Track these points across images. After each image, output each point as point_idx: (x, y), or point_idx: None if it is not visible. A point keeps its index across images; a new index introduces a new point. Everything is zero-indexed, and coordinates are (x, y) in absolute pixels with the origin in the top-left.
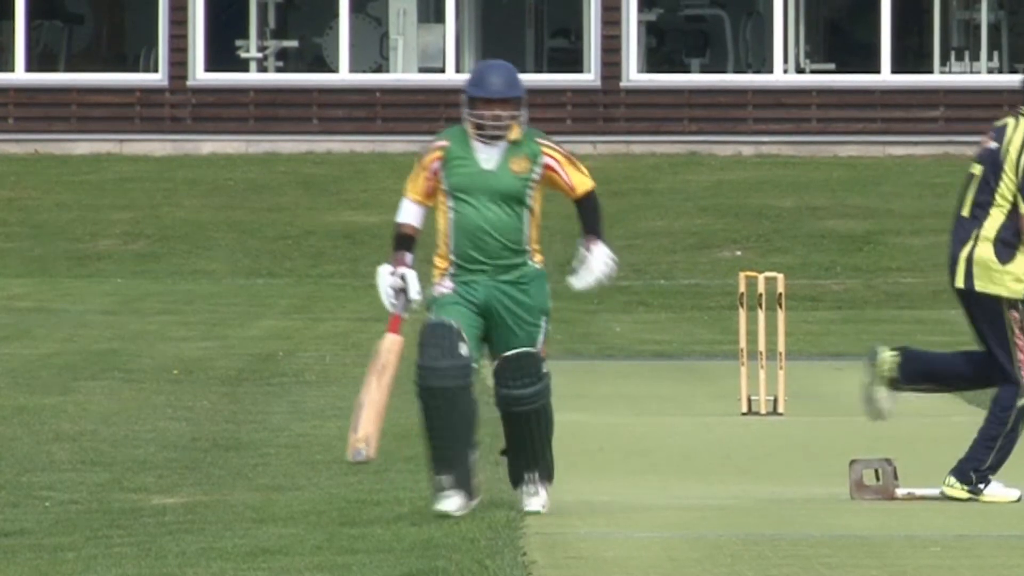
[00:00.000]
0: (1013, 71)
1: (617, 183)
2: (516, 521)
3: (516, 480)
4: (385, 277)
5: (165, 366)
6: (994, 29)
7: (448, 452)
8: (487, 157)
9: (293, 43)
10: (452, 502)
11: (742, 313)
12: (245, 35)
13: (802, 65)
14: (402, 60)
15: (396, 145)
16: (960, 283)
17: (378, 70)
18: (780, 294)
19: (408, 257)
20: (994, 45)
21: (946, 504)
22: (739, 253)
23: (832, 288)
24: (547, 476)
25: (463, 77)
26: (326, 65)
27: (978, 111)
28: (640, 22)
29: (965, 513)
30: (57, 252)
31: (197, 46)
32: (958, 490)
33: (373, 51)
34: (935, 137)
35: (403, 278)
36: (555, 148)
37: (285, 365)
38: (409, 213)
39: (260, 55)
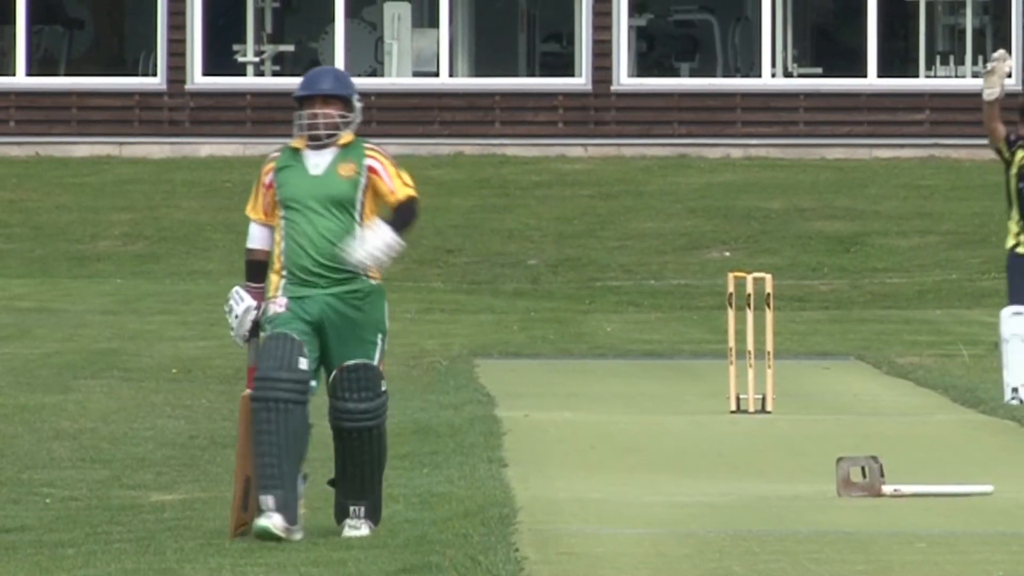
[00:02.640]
0: None
1: (608, 185)
2: (509, 518)
3: (340, 514)
4: (251, 312)
5: (164, 365)
6: (979, 34)
7: (276, 470)
8: (316, 163)
9: (289, 47)
10: (275, 520)
11: (731, 313)
12: (242, 40)
13: (790, 69)
14: (396, 64)
15: (391, 148)
16: None
17: (373, 74)
18: (768, 294)
19: (264, 291)
20: (979, 49)
21: (931, 501)
22: (728, 254)
23: (819, 288)
24: (373, 514)
25: (457, 81)
26: None
27: (963, 114)
28: (631, 27)
29: (950, 510)
30: (57, 253)
31: (195, 51)
32: None
33: (368, 55)
34: (921, 140)
35: (264, 314)
36: (380, 152)
37: None
38: (257, 237)
39: (257, 59)
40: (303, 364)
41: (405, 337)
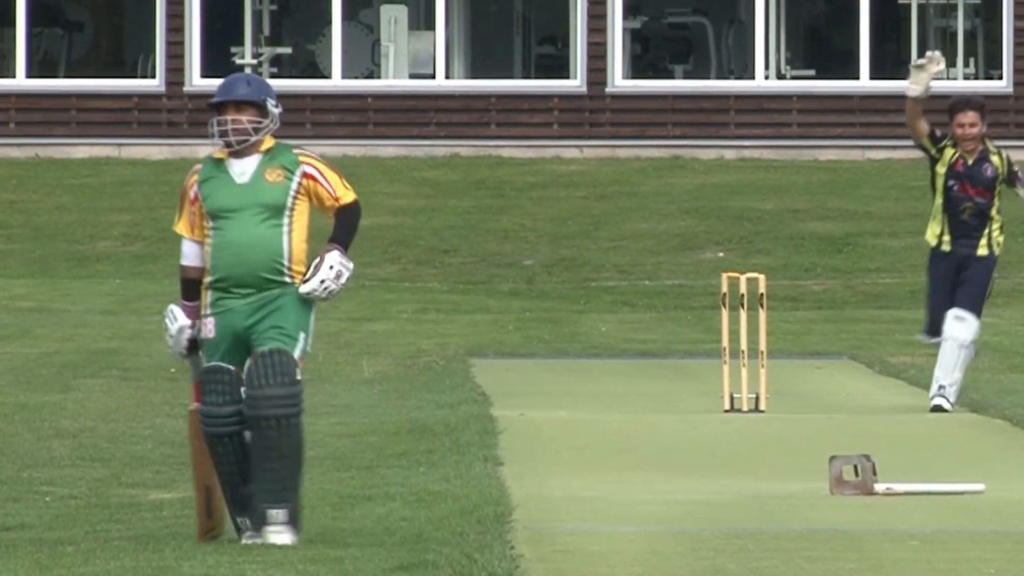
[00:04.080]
0: (988, 77)
1: (603, 186)
2: (505, 516)
3: (260, 520)
4: (185, 331)
5: (162, 364)
6: (970, 36)
7: (244, 494)
8: (241, 171)
9: (287, 50)
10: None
11: (724, 313)
12: (240, 42)
13: (783, 71)
14: (393, 66)
15: (388, 149)
16: None
17: (370, 76)
18: (761, 294)
19: (200, 309)
20: (970, 52)
21: (923, 499)
22: (721, 254)
23: (812, 288)
24: (293, 522)
25: (453, 83)
26: (319, 71)
27: None
28: (625, 29)
29: (942, 508)
30: (57, 253)
31: (193, 53)
32: None
33: (365, 57)
34: (912, 141)
35: (200, 331)
36: (315, 157)
37: None
38: (189, 254)
39: (255, 61)
40: (244, 394)
41: (402, 337)
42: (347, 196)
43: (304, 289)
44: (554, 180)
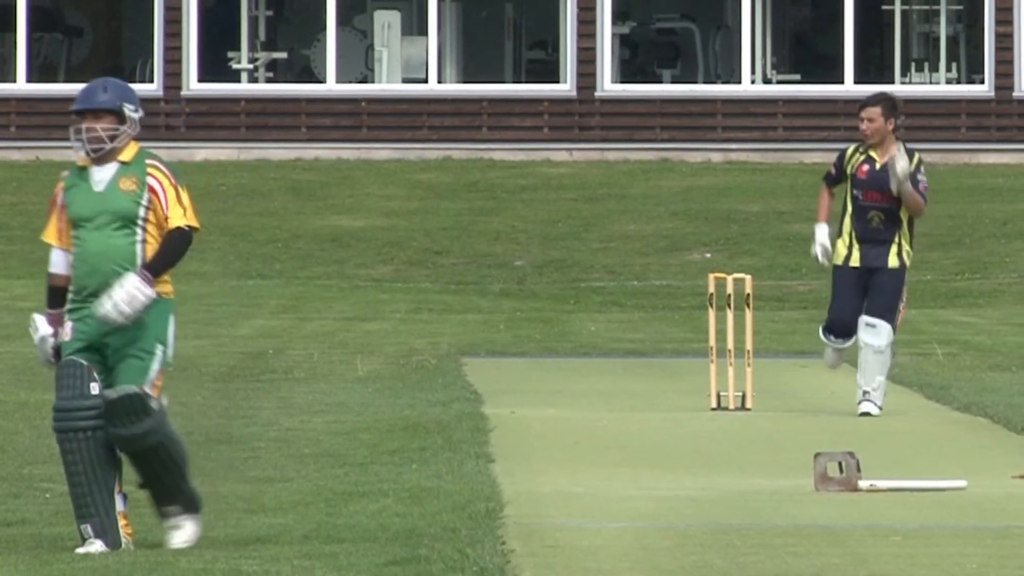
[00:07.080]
0: (971, 82)
1: (592, 189)
2: (496, 512)
3: (161, 514)
4: (48, 340)
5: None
6: (952, 41)
7: (89, 498)
8: (100, 179)
9: (282, 55)
10: (97, 547)
11: (711, 313)
12: (236, 47)
13: (769, 76)
14: (386, 71)
15: (381, 152)
16: None
17: (364, 80)
18: (748, 295)
19: (64, 316)
20: (952, 56)
21: (906, 496)
22: (708, 255)
23: (797, 289)
24: (190, 507)
25: (445, 87)
26: (314, 76)
27: (938, 120)
28: (614, 34)
29: (924, 504)
30: None
31: (191, 58)
32: None
33: (359, 62)
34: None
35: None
36: (163, 172)
37: (275, 362)
38: (56, 262)
39: (251, 66)
40: (95, 389)
41: (395, 336)
42: (178, 219)
43: (99, 312)
44: (544, 182)
